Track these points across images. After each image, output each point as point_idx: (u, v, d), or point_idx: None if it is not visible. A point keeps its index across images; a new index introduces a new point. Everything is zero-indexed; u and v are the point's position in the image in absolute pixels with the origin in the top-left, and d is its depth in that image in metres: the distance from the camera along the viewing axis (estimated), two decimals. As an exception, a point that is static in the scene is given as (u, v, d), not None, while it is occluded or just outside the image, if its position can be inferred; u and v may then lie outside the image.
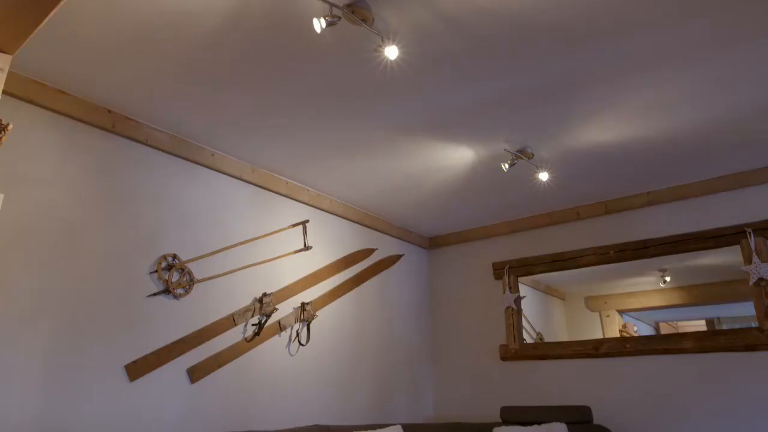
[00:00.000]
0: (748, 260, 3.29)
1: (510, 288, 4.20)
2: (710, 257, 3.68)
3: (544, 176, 3.26)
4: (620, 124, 2.85)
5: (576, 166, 3.34)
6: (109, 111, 2.65)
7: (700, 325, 4.68)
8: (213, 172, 3.11)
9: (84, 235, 2.48)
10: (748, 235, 3.32)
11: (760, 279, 3.23)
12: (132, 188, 2.72)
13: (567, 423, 3.32)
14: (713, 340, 3.35)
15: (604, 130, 2.91)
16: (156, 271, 2.70)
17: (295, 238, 3.53)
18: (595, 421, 3.60)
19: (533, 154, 3.12)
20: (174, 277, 2.78)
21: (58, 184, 2.43)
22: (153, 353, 2.61)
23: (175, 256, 2.79)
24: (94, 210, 2.54)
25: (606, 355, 3.71)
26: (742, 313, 3.58)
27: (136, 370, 2.53)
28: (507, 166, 3.05)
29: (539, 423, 3.36)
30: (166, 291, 2.72)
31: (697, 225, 3.57)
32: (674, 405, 3.40)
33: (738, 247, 3.38)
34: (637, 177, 3.53)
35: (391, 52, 2.14)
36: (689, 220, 3.61)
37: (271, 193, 3.43)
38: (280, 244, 3.41)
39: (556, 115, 2.76)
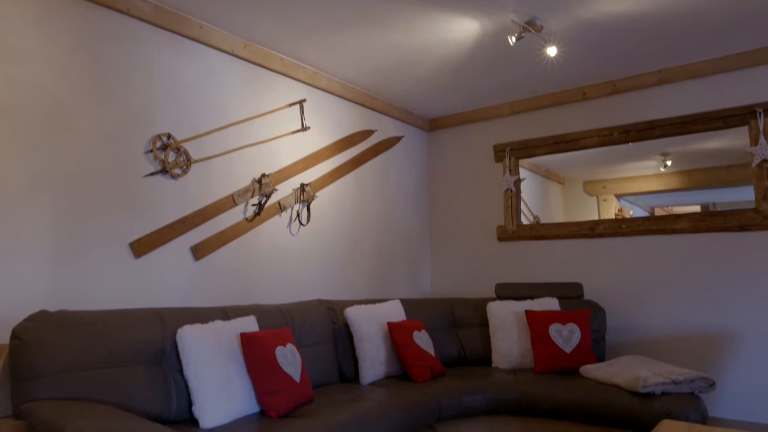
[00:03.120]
0: (755, 141, 3.23)
1: (510, 170, 4.18)
2: (715, 140, 3.61)
3: (552, 51, 3.08)
4: (638, -8, 2.64)
5: (586, 41, 3.16)
6: (85, -25, 2.43)
7: (695, 210, 4.73)
8: (202, 46, 2.94)
9: (72, 112, 2.39)
10: (757, 115, 3.23)
11: (764, 161, 3.19)
12: (116, 63, 2.57)
13: (558, 298, 3.46)
14: (708, 221, 3.39)
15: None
16: (151, 150, 2.65)
17: (292, 118, 3.43)
18: (586, 297, 3.76)
19: (542, 27, 2.93)
20: (170, 156, 2.73)
21: (36, 57, 2.29)
22: (156, 231, 2.64)
23: (169, 136, 2.73)
24: (78, 86, 2.42)
25: (601, 235, 3.79)
26: (738, 198, 3.59)
27: (141, 247, 2.58)
28: (514, 39, 2.88)
29: (532, 298, 3.51)
30: (163, 171, 2.69)
31: (706, 105, 3.46)
32: (665, 282, 3.53)
33: (743, 130, 3.31)
34: (648, 53, 3.35)
35: None
36: (699, 100, 3.50)
37: (265, 70, 3.27)
38: (277, 125, 3.33)
39: (570, -19, 2.54)
